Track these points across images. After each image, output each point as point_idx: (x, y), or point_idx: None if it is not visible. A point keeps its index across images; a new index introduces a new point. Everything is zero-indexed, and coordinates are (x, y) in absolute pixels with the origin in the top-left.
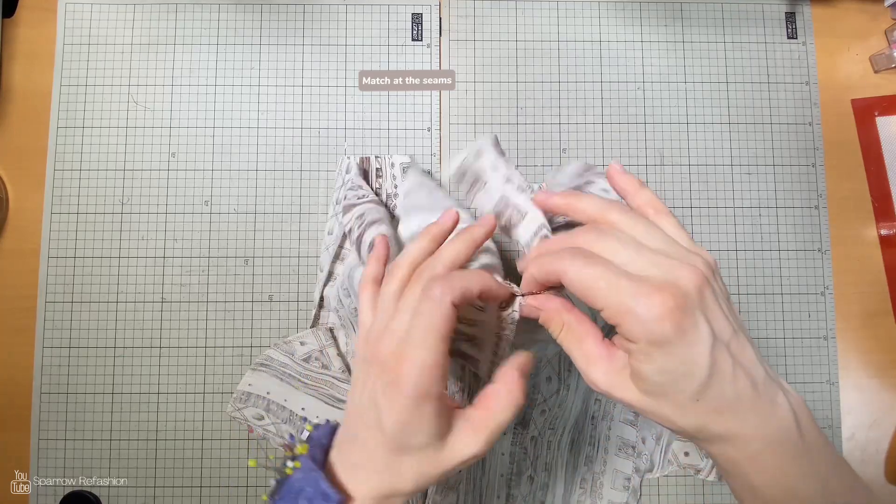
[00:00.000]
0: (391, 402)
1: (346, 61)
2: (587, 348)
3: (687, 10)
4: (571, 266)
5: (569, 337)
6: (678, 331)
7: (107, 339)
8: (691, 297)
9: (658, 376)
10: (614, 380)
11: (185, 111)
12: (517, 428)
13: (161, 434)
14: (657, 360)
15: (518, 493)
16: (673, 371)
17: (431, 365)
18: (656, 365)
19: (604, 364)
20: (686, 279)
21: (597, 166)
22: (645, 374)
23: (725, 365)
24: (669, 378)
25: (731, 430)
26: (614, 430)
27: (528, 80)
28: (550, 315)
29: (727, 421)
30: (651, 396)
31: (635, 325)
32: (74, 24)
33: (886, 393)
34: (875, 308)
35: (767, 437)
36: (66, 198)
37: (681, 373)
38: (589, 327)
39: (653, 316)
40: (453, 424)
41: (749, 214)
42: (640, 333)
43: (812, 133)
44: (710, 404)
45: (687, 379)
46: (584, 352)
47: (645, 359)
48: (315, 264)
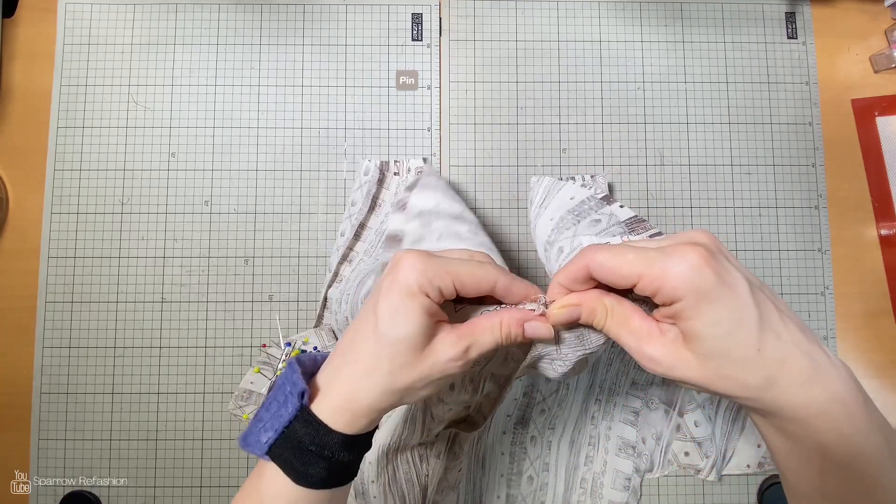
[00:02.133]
0: (388, 293)
1: (346, 61)
2: (635, 325)
3: (687, 10)
4: (596, 254)
5: (614, 321)
6: (717, 276)
7: (107, 339)
8: (713, 248)
9: (713, 328)
10: (672, 353)
11: (185, 111)
12: (517, 427)
13: (161, 434)
14: (706, 313)
15: (518, 493)
16: (725, 320)
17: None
18: (708, 317)
19: (657, 337)
20: (701, 238)
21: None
22: (699, 332)
23: (770, 309)
24: (724, 329)
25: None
26: (614, 429)
27: (528, 80)
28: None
29: (793, 371)
30: (713, 361)
31: (676, 281)
32: (74, 24)
33: (886, 393)
34: (875, 308)
35: (832, 387)
36: (66, 198)
37: (733, 321)
38: (630, 305)
39: (690, 265)
40: (439, 331)
41: (749, 214)
42: (682, 289)
43: (812, 133)
44: (771, 353)
45: (741, 327)
46: (633, 330)
47: (694, 314)
48: (315, 264)
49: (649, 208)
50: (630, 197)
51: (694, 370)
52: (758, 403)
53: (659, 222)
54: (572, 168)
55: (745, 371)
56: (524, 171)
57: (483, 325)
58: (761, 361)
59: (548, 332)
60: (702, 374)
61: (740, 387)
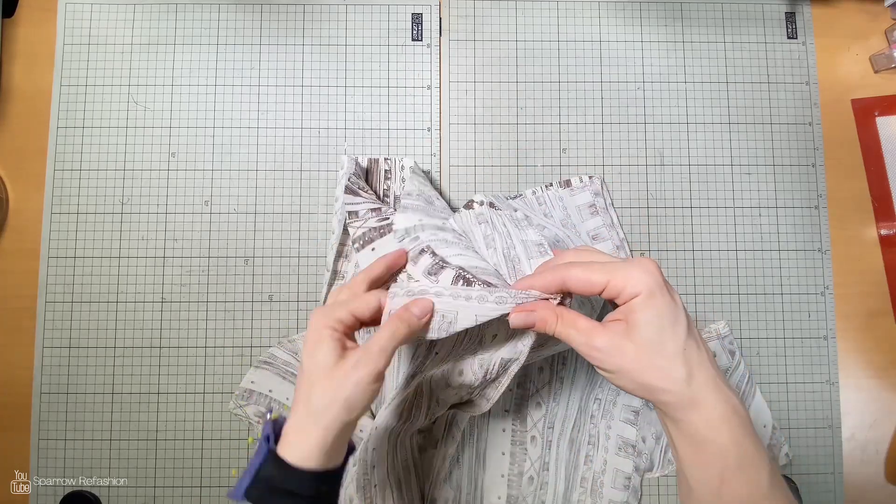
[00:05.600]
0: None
1: (346, 61)
2: (583, 325)
3: (687, 10)
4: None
5: (564, 323)
6: (665, 283)
7: (107, 339)
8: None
9: (655, 320)
10: (613, 342)
11: (185, 111)
12: (515, 423)
13: (161, 434)
14: (652, 307)
15: (518, 492)
16: (665, 316)
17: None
18: (653, 311)
19: (602, 331)
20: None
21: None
22: (643, 322)
23: (693, 325)
24: (662, 324)
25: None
26: (614, 429)
27: (528, 80)
28: (544, 313)
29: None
30: (647, 350)
31: (635, 281)
32: (74, 24)
33: (886, 393)
34: (875, 308)
35: (733, 404)
36: (66, 198)
37: (670, 319)
38: (577, 313)
39: (647, 271)
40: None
41: (749, 214)
42: (639, 287)
43: (812, 133)
44: (692, 355)
45: (675, 326)
46: (581, 329)
47: (644, 306)
48: (315, 264)
49: (649, 208)
50: (630, 197)
51: (630, 357)
52: (679, 397)
53: (659, 222)
54: (572, 168)
55: (672, 363)
56: (524, 171)
57: (380, 328)
58: (685, 358)
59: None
60: (636, 360)
61: (666, 377)
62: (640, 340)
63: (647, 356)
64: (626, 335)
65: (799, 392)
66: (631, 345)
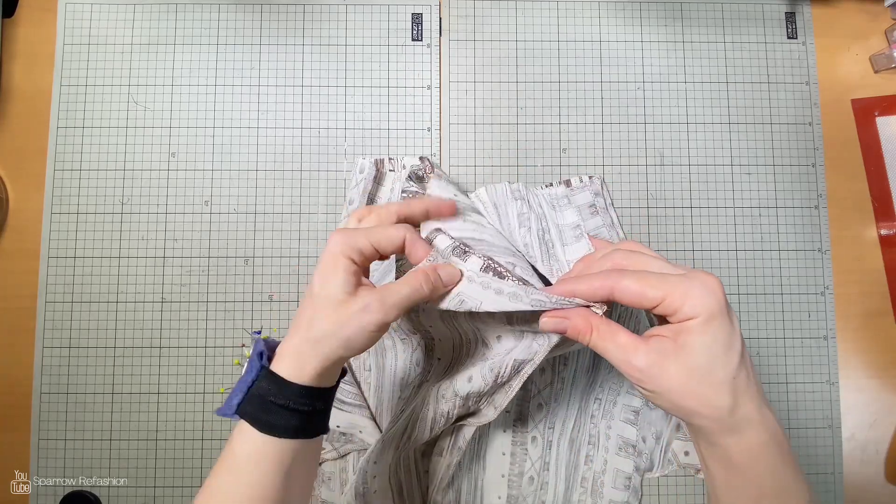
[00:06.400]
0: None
1: (346, 61)
2: (622, 341)
3: (687, 10)
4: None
5: (601, 336)
6: (727, 306)
7: (107, 339)
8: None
9: (711, 346)
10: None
11: (185, 111)
12: (516, 424)
13: (161, 434)
14: (709, 332)
15: (519, 493)
16: (721, 343)
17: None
18: (709, 336)
19: (643, 348)
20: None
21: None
22: (697, 346)
23: (746, 353)
24: (717, 350)
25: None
26: (615, 429)
27: (528, 80)
28: (578, 322)
29: (751, 404)
30: (695, 375)
31: (696, 300)
32: (74, 24)
33: (886, 393)
34: (875, 308)
35: (773, 431)
36: (66, 198)
37: (725, 346)
38: (617, 325)
39: (711, 291)
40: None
41: (749, 214)
42: (699, 308)
43: (812, 133)
44: (741, 385)
45: (729, 353)
46: (619, 344)
47: (701, 331)
48: (315, 264)
49: (649, 208)
50: (630, 197)
51: (674, 380)
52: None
53: (659, 222)
54: (572, 168)
55: (718, 392)
56: (524, 171)
57: (401, 280)
58: (733, 387)
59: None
60: (680, 384)
61: (709, 405)
62: (689, 364)
63: (693, 381)
64: (672, 355)
65: (799, 392)
66: (676, 367)
